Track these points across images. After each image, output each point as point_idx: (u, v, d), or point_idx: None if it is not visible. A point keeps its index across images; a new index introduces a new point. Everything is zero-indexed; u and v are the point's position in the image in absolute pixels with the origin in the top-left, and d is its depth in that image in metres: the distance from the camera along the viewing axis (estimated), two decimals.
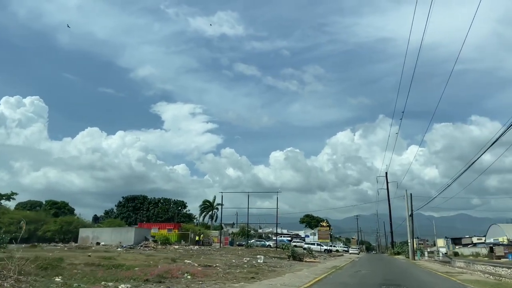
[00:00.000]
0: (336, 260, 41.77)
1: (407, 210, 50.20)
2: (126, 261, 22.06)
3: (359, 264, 34.68)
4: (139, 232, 47.13)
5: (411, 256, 50.00)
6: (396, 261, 47.00)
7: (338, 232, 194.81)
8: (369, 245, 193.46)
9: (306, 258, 37.41)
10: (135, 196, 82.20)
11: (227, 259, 30.20)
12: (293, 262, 32.12)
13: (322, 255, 50.27)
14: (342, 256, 60.10)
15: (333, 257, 49.47)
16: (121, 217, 77.83)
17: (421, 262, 43.01)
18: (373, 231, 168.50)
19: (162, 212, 76.86)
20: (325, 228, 62.50)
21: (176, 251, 36.39)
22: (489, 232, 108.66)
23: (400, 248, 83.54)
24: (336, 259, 46.27)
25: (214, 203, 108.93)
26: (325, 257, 46.67)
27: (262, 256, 30.53)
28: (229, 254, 36.04)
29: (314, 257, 42.69)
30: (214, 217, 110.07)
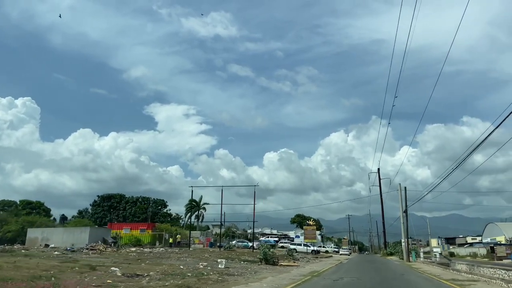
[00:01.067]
0: (320, 263, 35.60)
1: (401, 205, 44.13)
2: (18, 269, 15.84)
3: (344, 268, 28.54)
4: (96, 232, 40.82)
5: (405, 257, 43.90)
6: (389, 263, 40.89)
7: (331, 233, 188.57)
8: (362, 245, 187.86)
9: (283, 262, 31.20)
10: (112, 195, 75.78)
11: (179, 264, 24.00)
12: (264, 267, 25.96)
13: (305, 257, 44.05)
14: (330, 258, 53.90)
15: (319, 260, 43.28)
16: (96, 217, 71.44)
17: (417, 265, 36.99)
18: (366, 232, 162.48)
19: (140, 212, 70.55)
20: (311, 227, 56.20)
21: (128, 255, 30.13)
22: (486, 231, 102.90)
23: (393, 249, 77.46)
24: (321, 261, 40.10)
25: (200, 203, 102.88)
26: (309, 259, 40.49)
27: (224, 260, 24.34)
28: (190, 258, 29.82)
29: (294, 260, 36.47)
30: (200, 217, 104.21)
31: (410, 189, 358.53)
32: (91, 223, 61.03)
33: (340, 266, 32.58)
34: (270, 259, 28.39)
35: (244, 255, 36.27)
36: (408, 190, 45.45)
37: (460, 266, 32.57)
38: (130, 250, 35.39)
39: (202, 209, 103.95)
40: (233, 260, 30.28)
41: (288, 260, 35.52)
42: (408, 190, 45.45)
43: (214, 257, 32.04)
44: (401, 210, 44.04)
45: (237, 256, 35.20)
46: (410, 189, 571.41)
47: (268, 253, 28.52)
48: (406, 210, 42.69)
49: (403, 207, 43.79)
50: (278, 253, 41.80)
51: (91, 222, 62.30)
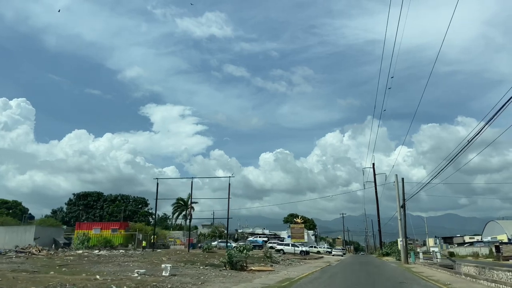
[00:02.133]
0: (303, 267, 29.51)
1: (398, 199, 38.03)
2: None
3: (329, 274, 22.47)
4: (45, 232, 34.75)
5: (403, 258, 37.81)
6: (385, 265, 34.85)
7: (326, 232, 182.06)
8: (358, 245, 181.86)
9: (255, 266, 25.12)
10: (89, 193, 69.57)
11: (108, 272, 18.00)
12: (225, 274, 19.92)
13: (289, 259, 37.90)
14: (319, 260, 47.80)
15: (304, 262, 37.14)
16: (70, 216, 65.18)
17: (418, 267, 30.96)
18: (362, 232, 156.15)
19: (118, 211, 64.43)
20: (299, 225, 50.00)
21: (64, 259, 24.02)
22: (486, 229, 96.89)
23: (390, 249, 71.39)
24: (306, 264, 33.99)
25: (188, 202, 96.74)
26: (293, 262, 34.37)
27: (170, 266, 18.27)
28: (138, 262, 23.76)
29: (273, 263, 30.40)
30: (188, 217, 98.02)
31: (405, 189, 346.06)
32: (58, 222, 54.89)
33: (325, 270, 26.51)
34: (236, 263, 22.29)
35: (215, 258, 30.20)
36: (405, 189, 39.58)
37: (467, 268, 26.63)
38: (77, 253, 29.24)
39: (190, 208, 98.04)
40: (193, 264, 24.25)
41: (265, 263, 29.44)
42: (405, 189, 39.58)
43: (173, 261, 25.99)
44: (398, 205, 37.94)
45: (205, 259, 29.14)
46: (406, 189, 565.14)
47: (234, 256, 22.41)
48: (404, 205, 36.63)
49: (400, 201, 37.72)
50: (261, 254, 35.83)
51: (58, 222, 56.10)
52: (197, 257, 30.36)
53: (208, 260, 27.45)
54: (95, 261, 23.23)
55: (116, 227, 52.58)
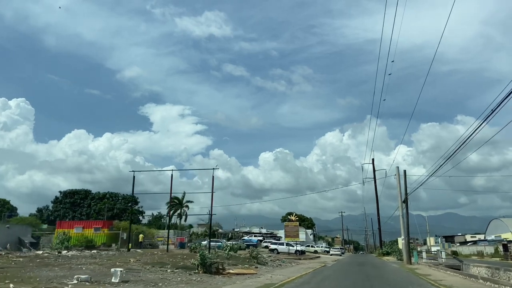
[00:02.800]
0: (293, 269, 25.86)
1: (400, 193, 34.32)
2: None
3: (319, 278, 18.84)
4: (7, 232, 31.14)
5: (405, 258, 34.09)
6: (386, 266, 31.20)
7: (325, 231, 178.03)
8: (358, 245, 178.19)
9: (234, 269, 21.49)
10: (76, 191, 66.08)
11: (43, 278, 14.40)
12: (192, 278, 16.33)
13: (281, 259, 34.21)
14: (315, 260, 44.17)
15: (297, 263, 33.46)
16: (56, 215, 61.61)
17: (422, 268, 27.33)
18: (362, 231, 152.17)
19: (105, 209, 60.84)
20: (293, 223, 46.35)
21: (12, 260, 20.44)
22: (490, 228, 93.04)
23: (390, 248, 67.68)
24: (297, 265, 30.32)
25: (183, 201, 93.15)
26: (283, 263, 30.70)
27: (120, 270, 14.65)
28: (94, 265, 20.13)
29: (259, 264, 26.75)
30: (183, 216, 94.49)
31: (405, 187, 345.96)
32: (37, 221, 51.28)
33: (317, 272, 22.89)
34: (211, 265, 18.67)
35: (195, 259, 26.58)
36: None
37: (477, 269, 23.08)
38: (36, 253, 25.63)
39: (185, 207, 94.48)
40: (163, 267, 20.61)
41: (250, 264, 25.79)
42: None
43: (142, 263, 22.40)
44: (400, 200, 34.21)
45: (182, 260, 25.49)
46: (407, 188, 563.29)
47: (208, 257, 18.77)
48: (406, 200, 32.91)
49: (402, 196, 34.02)
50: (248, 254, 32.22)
51: (37, 220, 52.53)
52: (174, 258, 26.73)
53: (184, 262, 23.80)
54: (45, 264, 19.63)
55: (99, 226, 49.06)
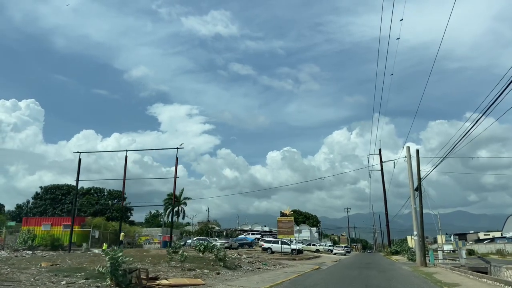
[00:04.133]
0: (268, 275, 19.08)
1: (411, 180, 27.25)
2: None
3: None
4: None
5: (419, 258, 26.95)
6: (395, 269, 24.27)
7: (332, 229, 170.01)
8: (366, 243, 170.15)
9: (170, 278, 14.78)
10: (58, 186, 60.30)
11: None
12: None
13: (269, 260, 27.34)
14: (313, 260, 37.32)
15: (287, 265, 26.56)
16: (35, 211, 55.85)
17: (442, 273, 20.41)
18: (371, 229, 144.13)
19: (88, 205, 54.92)
20: (287, 218, 39.46)
21: None
22: (507, 225, 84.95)
23: (400, 246, 60.40)
24: (285, 268, 23.51)
25: (181, 198, 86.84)
26: (265, 265, 23.92)
27: None
28: None
29: (227, 268, 19.98)
30: (180, 214, 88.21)
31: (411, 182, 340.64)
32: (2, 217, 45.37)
33: (297, 281, 16.11)
34: (125, 274, 11.98)
35: (143, 262, 20.04)
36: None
37: None
38: None
39: (183, 205, 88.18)
40: (70, 275, 14.05)
41: (213, 268, 19.05)
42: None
43: (50, 270, 15.90)
44: (411, 187, 27.11)
45: None
46: None
47: (123, 262, 12.06)
48: (420, 186, 25.88)
49: (413, 182, 26.98)
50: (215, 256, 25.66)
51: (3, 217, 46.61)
52: None
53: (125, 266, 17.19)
54: None
55: (69, 222, 42.67)
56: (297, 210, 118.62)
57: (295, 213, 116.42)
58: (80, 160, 26.42)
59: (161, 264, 19.04)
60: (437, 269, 24.18)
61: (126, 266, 12.39)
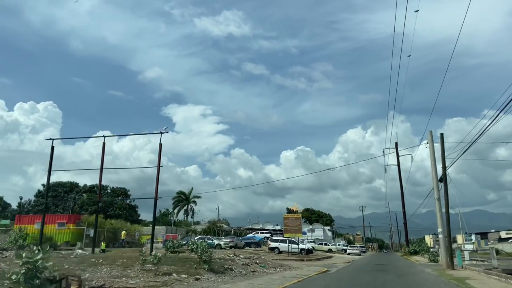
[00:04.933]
0: (260, 280, 15.42)
1: (434, 168, 23.17)
2: None
3: None
4: None
5: (444, 260, 22.83)
6: (416, 273, 20.26)
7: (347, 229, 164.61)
8: (383, 243, 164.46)
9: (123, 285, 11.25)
10: (60, 183, 57.87)
11: None
12: None
13: (265, 262, 23.66)
14: (323, 260, 33.49)
15: (289, 267, 22.82)
16: (37, 209, 53.45)
17: (478, 279, 16.42)
18: (387, 228, 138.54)
19: (90, 202, 52.21)
20: (295, 216, 35.55)
21: None
22: None
23: (419, 246, 55.87)
24: (281, 272, 19.81)
25: (190, 196, 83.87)
26: (261, 268, 20.27)
27: None
28: None
29: (213, 271, 16.37)
30: (190, 212, 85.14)
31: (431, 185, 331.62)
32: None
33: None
34: (41, 285, 8.50)
35: (118, 265, 16.62)
36: (430, 187, 24.76)
37: None
38: None
39: (192, 203, 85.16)
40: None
41: (194, 272, 15.47)
42: (430, 187, 24.76)
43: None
44: (435, 177, 23.01)
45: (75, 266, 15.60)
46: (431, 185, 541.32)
47: (36, 270, 8.56)
48: (445, 175, 21.76)
49: (436, 171, 22.90)
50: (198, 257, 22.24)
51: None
52: (79, 264, 16.85)
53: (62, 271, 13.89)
54: None
55: (64, 220, 39.92)
56: (310, 209, 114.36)
57: (307, 211, 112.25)
58: (53, 147, 23.20)
59: (133, 267, 15.62)
60: (468, 272, 20.12)
61: (49, 274, 8.94)
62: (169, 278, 13.96)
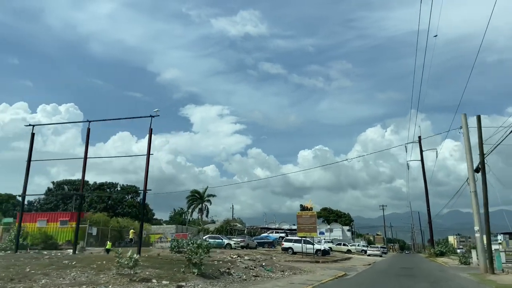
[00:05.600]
0: (273, 283, 12.49)
1: (469, 155, 19.76)
2: None
3: None
4: None
5: (483, 262, 19.41)
6: (450, 280, 16.94)
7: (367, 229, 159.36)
8: (404, 244, 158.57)
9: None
10: (70, 181, 56.32)
11: None
12: None
13: (273, 264, 20.66)
14: (341, 262, 30.27)
15: (296, 271, 19.72)
16: (46, 207, 52.01)
17: None
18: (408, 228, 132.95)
19: (98, 200, 50.37)
20: (309, 213, 32.28)
21: None
22: None
23: (445, 247, 51.80)
24: (290, 277, 16.82)
25: (204, 195, 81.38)
26: (266, 272, 17.33)
27: None
28: None
29: (204, 276, 13.53)
30: (204, 211, 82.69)
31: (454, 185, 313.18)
32: None
33: None
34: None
35: (93, 269, 13.99)
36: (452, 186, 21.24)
37: None
38: None
39: (207, 202, 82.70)
40: None
41: (185, 274, 12.67)
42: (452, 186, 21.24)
43: None
44: (470, 165, 19.63)
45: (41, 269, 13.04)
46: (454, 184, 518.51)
47: None
48: (483, 162, 18.31)
49: (472, 159, 19.51)
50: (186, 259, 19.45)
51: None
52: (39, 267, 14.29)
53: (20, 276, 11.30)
54: None
55: (66, 218, 37.87)
56: (328, 208, 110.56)
57: (325, 211, 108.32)
58: (33, 134, 20.84)
59: (109, 272, 12.94)
60: (508, 276, 16.69)
61: None
62: (146, 285, 11.22)
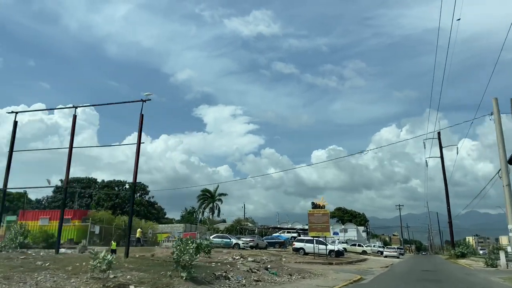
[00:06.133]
0: None
1: (501, 147, 17.25)
2: None
3: None
4: None
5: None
6: (483, 285, 14.63)
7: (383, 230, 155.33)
8: (420, 245, 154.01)
9: None
10: (79, 179, 55.27)
11: None
12: None
13: (281, 267, 18.52)
14: (353, 265, 27.97)
15: (306, 274, 17.54)
16: (53, 205, 51.05)
17: None
18: (425, 229, 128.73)
19: (106, 198, 49.13)
20: (321, 211, 29.96)
21: None
22: None
23: (466, 248, 48.77)
24: (298, 282, 14.71)
25: (215, 194, 79.69)
26: (271, 275, 15.23)
27: None
28: None
29: (192, 282, 11.54)
30: (215, 210, 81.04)
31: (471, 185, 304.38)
32: None
33: None
34: None
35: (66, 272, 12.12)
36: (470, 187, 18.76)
37: None
38: None
39: (218, 201, 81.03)
40: None
41: (172, 278, 10.68)
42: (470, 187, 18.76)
43: None
44: (503, 156, 17.15)
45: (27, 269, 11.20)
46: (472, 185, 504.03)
47: None
48: None
49: (505, 149, 17.04)
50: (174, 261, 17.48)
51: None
52: None
53: None
54: None
55: (69, 216, 36.43)
56: (342, 208, 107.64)
57: (340, 211, 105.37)
58: (16, 122, 19.27)
59: (83, 275, 11.06)
60: None
61: None
62: None
